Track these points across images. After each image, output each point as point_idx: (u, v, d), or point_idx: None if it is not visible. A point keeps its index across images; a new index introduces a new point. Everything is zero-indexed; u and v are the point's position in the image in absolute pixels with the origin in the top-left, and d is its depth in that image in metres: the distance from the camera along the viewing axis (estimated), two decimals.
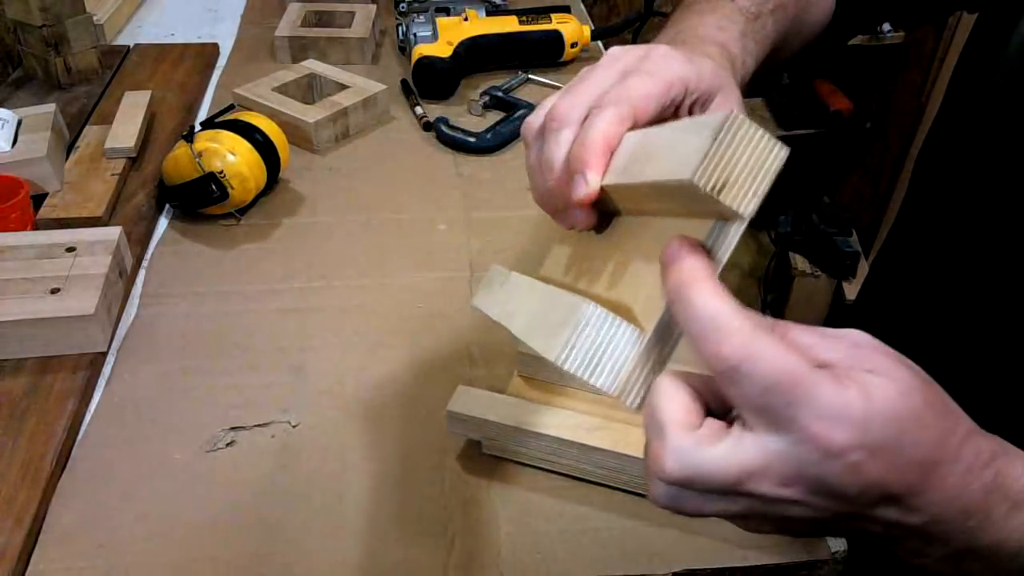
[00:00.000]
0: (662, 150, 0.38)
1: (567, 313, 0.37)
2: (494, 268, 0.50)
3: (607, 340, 0.36)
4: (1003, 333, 0.58)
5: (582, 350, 0.36)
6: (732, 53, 0.53)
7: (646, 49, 0.46)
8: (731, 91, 0.48)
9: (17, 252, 0.72)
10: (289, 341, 0.72)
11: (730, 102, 0.47)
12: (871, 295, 0.77)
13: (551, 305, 0.40)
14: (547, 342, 0.37)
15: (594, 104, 0.43)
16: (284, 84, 1.02)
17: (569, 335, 0.36)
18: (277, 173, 0.88)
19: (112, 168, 0.88)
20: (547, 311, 0.40)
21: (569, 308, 0.37)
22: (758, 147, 0.33)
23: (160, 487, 0.59)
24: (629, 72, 0.45)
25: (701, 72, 0.46)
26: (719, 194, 0.33)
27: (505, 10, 1.20)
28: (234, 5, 1.34)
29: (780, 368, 0.31)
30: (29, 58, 1.08)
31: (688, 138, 0.35)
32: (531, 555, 0.55)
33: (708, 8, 0.57)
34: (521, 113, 1.02)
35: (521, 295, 0.45)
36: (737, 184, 0.33)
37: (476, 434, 0.60)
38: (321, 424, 0.64)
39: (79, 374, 0.67)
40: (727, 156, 0.33)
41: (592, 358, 0.36)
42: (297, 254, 0.82)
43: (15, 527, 0.55)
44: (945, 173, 0.65)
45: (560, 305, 0.39)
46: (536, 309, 0.42)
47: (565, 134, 0.44)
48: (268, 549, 0.55)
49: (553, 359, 0.36)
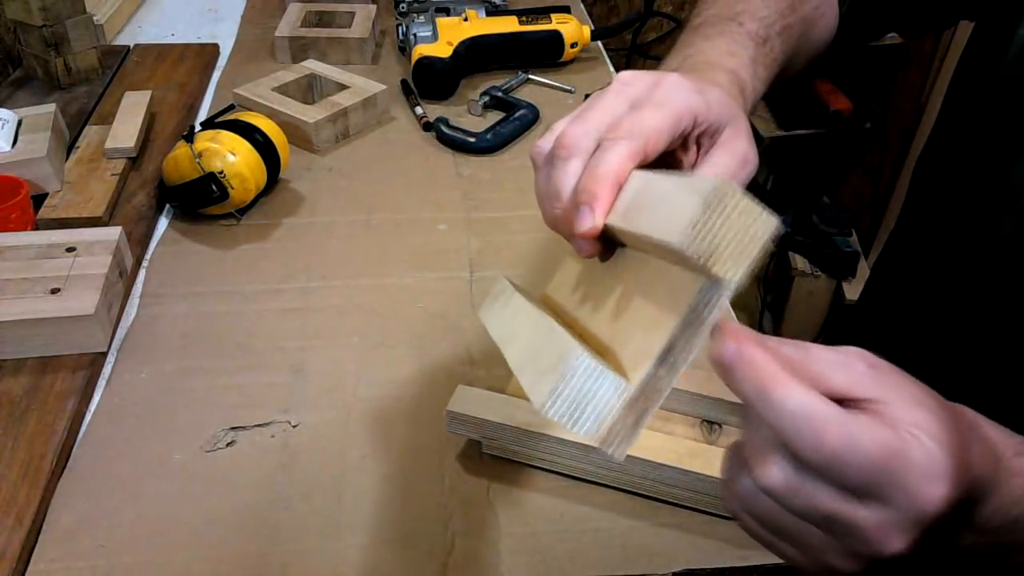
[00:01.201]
0: (659, 204, 0.38)
1: (557, 358, 0.37)
2: (501, 282, 0.50)
3: (593, 391, 0.36)
4: (1004, 335, 0.58)
5: (567, 400, 0.36)
6: (742, 80, 0.53)
7: (656, 77, 0.46)
8: (740, 122, 0.47)
9: (17, 252, 0.72)
10: (289, 341, 0.72)
11: (739, 134, 0.46)
12: (873, 297, 0.77)
13: (546, 341, 0.40)
14: (534, 385, 0.38)
15: (604, 134, 0.43)
16: (284, 84, 1.02)
17: (555, 384, 0.36)
18: (277, 173, 0.88)
19: (112, 168, 0.88)
20: (540, 347, 0.40)
21: (560, 353, 0.37)
22: (747, 217, 0.34)
23: (160, 487, 0.59)
24: (640, 102, 0.44)
25: (710, 103, 0.45)
26: (706, 262, 0.34)
27: (505, 10, 1.20)
28: (234, 5, 1.34)
29: (879, 446, 0.32)
30: (29, 58, 1.08)
31: (681, 199, 0.35)
32: (531, 555, 0.55)
33: (716, 32, 0.57)
34: (521, 113, 1.02)
35: (520, 321, 0.45)
36: (725, 253, 0.34)
37: (476, 434, 0.60)
38: (321, 424, 0.64)
39: (79, 374, 0.67)
40: (715, 225, 0.34)
41: (576, 408, 0.36)
42: (297, 254, 0.82)
43: (15, 527, 0.55)
44: (946, 175, 0.65)
45: (553, 345, 0.39)
46: (531, 340, 0.42)
47: (574, 164, 0.43)
48: (268, 549, 0.55)
49: (538, 407, 0.36)
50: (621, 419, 0.36)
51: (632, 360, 0.38)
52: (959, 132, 0.64)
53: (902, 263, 0.72)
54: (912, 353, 0.67)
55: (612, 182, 0.41)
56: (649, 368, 0.36)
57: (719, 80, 0.51)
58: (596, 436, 0.36)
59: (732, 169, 0.45)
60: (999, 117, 0.57)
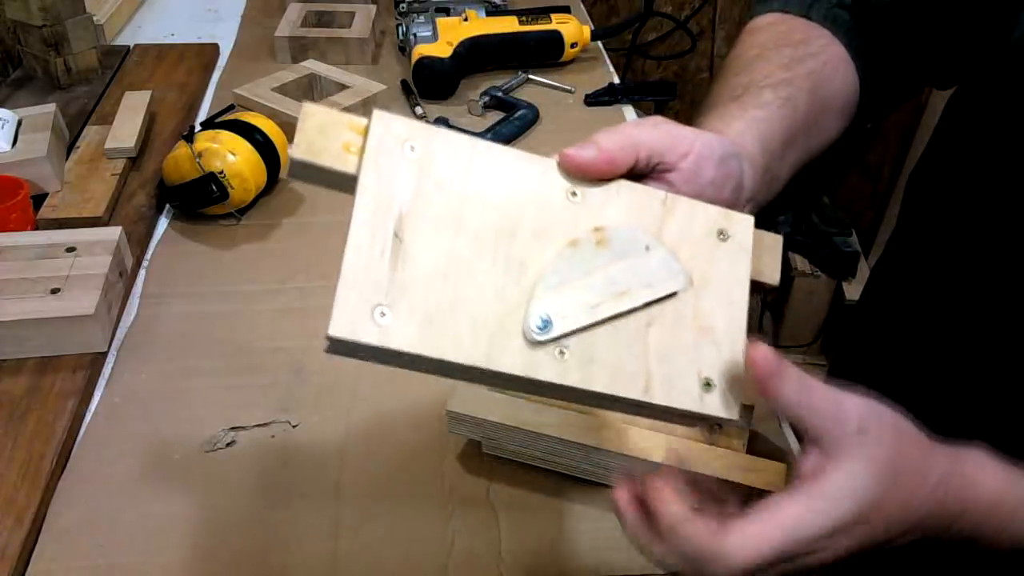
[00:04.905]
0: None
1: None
2: None
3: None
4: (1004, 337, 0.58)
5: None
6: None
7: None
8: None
9: (17, 252, 0.72)
10: (289, 341, 0.72)
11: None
12: (873, 297, 0.77)
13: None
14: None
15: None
16: (284, 84, 1.02)
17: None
18: (277, 173, 0.88)
19: (112, 168, 0.88)
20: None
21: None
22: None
23: (160, 487, 0.59)
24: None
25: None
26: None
27: (505, 10, 1.20)
28: (234, 5, 1.34)
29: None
30: (29, 58, 1.08)
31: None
32: (531, 555, 0.55)
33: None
34: (521, 113, 1.02)
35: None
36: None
37: (476, 434, 0.60)
38: (321, 424, 0.64)
39: (79, 374, 0.67)
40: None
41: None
42: (297, 254, 0.82)
43: (15, 527, 0.55)
44: (946, 176, 0.65)
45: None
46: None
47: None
48: (268, 549, 0.55)
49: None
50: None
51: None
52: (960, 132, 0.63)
53: (902, 263, 0.72)
54: (912, 353, 0.67)
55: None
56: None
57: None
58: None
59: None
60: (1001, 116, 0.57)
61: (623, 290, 0.40)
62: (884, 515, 0.39)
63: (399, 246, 0.36)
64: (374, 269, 0.36)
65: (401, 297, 0.36)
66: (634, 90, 1.11)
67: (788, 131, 0.54)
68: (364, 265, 0.36)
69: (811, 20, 0.62)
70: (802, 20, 0.62)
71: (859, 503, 0.38)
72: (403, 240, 0.37)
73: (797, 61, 0.58)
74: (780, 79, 0.56)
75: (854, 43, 0.61)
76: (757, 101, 0.53)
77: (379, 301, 0.36)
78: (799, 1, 0.63)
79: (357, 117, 0.38)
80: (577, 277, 0.39)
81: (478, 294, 0.38)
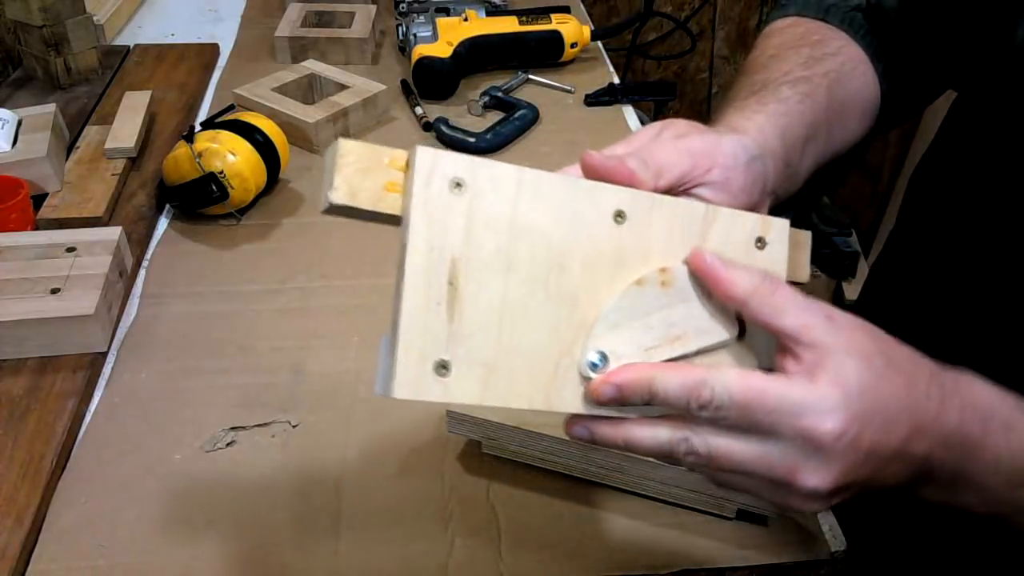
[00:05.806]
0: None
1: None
2: None
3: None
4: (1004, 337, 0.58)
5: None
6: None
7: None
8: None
9: (17, 252, 0.72)
10: (289, 341, 0.72)
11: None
12: (872, 297, 0.77)
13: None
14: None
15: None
16: (284, 84, 1.02)
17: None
18: (277, 173, 0.88)
19: (112, 168, 0.88)
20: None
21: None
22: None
23: (160, 487, 0.59)
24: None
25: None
26: None
27: (505, 10, 1.20)
28: (234, 5, 1.34)
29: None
30: (29, 58, 1.08)
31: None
32: (531, 555, 0.55)
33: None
34: (521, 113, 1.02)
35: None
36: None
37: (476, 434, 0.60)
38: (321, 424, 0.64)
39: (79, 374, 0.67)
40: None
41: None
42: (297, 254, 0.82)
43: (15, 527, 0.55)
44: (948, 177, 0.65)
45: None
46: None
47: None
48: (268, 549, 0.55)
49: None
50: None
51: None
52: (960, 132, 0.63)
53: (902, 263, 0.72)
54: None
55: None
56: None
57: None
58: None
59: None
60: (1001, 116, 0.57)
61: (679, 335, 0.40)
62: (882, 407, 0.38)
63: (454, 293, 0.35)
64: (432, 322, 0.35)
65: (460, 348, 0.35)
66: (634, 90, 1.11)
67: (807, 126, 0.54)
68: (422, 319, 0.35)
69: (828, 23, 0.62)
70: (819, 23, 0.62)
71: (860, 383, 0.37)
72: (458, 287, 0.36)
73: (815, 60, 0.58)
74: (799, 76, 0.56)
75: (872, 46, 0.61)
76: (776, 96, 0.54)
77: (439, 356, 0.35)
78: (816, 5, 0.63)
79: (395, 151, 0.36)
80: (638, 317, 0.39)
81: (533, 334, 0.37)
